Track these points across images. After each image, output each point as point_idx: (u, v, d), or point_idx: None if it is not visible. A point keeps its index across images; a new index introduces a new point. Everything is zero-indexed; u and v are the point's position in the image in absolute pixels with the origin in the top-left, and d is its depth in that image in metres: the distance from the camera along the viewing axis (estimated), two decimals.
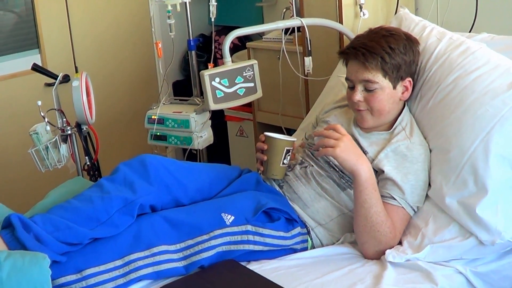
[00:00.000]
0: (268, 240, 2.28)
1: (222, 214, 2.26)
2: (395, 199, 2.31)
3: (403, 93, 2.45)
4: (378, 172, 2.37)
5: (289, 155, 2.47)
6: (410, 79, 2.45)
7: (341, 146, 2.23)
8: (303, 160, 2.55)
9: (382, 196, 2.32)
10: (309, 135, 2.71)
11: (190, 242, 2.19)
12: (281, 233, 2.31)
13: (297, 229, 2.38)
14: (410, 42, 2.45)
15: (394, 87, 2.41)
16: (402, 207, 2.31)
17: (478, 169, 2.19)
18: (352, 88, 2.44)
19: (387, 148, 2.38)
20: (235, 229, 2.25)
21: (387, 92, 2.40)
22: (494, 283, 2.21)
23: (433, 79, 2.46)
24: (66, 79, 3.28)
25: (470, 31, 3.11)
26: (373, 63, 2.36)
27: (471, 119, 2.26)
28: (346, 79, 2.47)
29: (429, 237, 2.25)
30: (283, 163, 2.46)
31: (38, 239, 2.04)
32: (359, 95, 2.41)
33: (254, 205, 2.34)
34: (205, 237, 2.20)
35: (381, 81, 2.38)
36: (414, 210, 2.34)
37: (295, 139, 2.49)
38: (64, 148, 2.98)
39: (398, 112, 2.48)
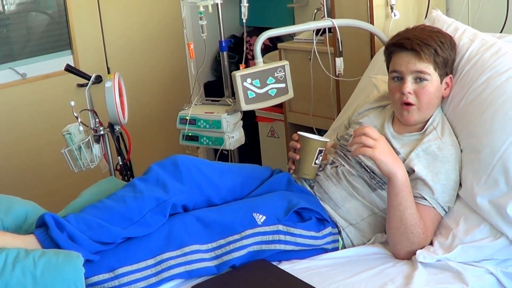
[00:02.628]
0: (299, 240, 2.29)
1: (254, 214, 2.27)
2: (425, 199, 2.31)
3: (445, 89, 2.47)
4: (409, 171, 2.37)
5: (321, 156, 2.48)
6: (451, 76, 2.48)
7: (379, 147, 2.23)
8: (334, 160, 2.56)
9: (416, 200, 2.33)
10: (340, 136, 2.71)
11: (221, 241, 2.21)
12: (312, 233, 2.33)
13: (328, 229, 2.39)
14: (452, 40, 2.49)
15: (441, 82, 2.43)
16: (433, 207, 2.31)
17: (509, 169, 2.19)
18: (399, 79, 2.44)
19: (418, 148, 2.38)
20: (267, 229, 2.26)
21: (435, 85, 2.41)
22: None
23: (465, 80, 2.46)
24: (99, 80, 3.31)
25: (501, 31, 3.10)
26: (427, 53, 2.37)
27: (502, 119, 2.26)
28: (394, 71, 2.45)
29: (460, 237, 2.25)
30: (315, 163, 2.47)
31: (71, 238, 2.06)
32: (409, 87, 2.40)
33: (286, 205, 2.35)
34: (236, 237, 2.21)
35: (432, 73, 2.39)
36: (445, 210, 2.33)
37: (328, 140, 2.50)
38: (96, 148, 3.00)
39: (435, 110, 2.48)
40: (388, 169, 2.24)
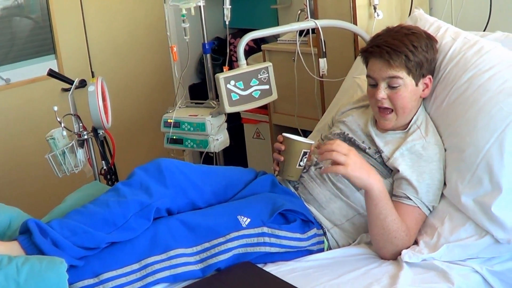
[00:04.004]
0: (284, 242, 2.29)
1: (238, 217, 2.27)
2: (410, 199, 2.31)
3: (423, 90, 2.47)
4: (393, 171, 2.38)
5: (305, 158, 2.47)
6: (430, 76, 2.47)
7: (351, 163, 2.19)
8: (318, 161, 2.56)
9: (397, 196, 2.34)
10: (325, 136, 2.72)
11: (206, 245, 2.20)
12: (297, 235, 2.32)
13: (313, 230, 2.38)
14: (430, 40, 2.48)
15: (416, 84, 2.43)
16: (418, 207, 2.32)
17: (493, 168, 2.20)
18: (374, 86, 2.45)
19: (403, 147, 2.39)
20: (251, 231, 2.26)
21: (410, 89, 2.41)
22: (510, 281, 2.21)
23: (448, 79, 2.47)
24: (83, 84, 3.30)
25: (484, 30, 3.12)
26: (398, 61, 2.37)
27: (485, 118, 2.27)
28: (368, 76, 2.47)
29: (445, 237, 2.25)
30: (299, 165, 2.46)
31: (55, 244, 2.05)
32: (382, 93, 2.42)
33: (270, 207, 2.35)
34: (221, 239, 2.21)
35: (405, 78, 2.39)
36: (429, 209, 2.34)
37: (313, 142, 2.49)
38: (80, 153, 2.99)
39: (416, 110, 2.49)
40: (363, 183, 2.23)
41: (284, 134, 2.49)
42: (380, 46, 2.42)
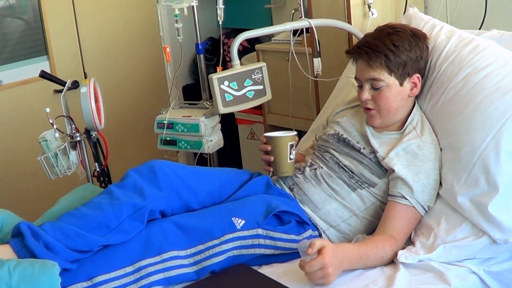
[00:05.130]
0: (279, 244, 2.28)
1: (233, 219, 2.27)
2: (406, 198, 2.31)
3: (411, 89, 2.46)
4: (389, 171, 2.37)
5: (294, 150, 2.50)
6: (418, 75, 2.46)
7: (329, 276, 2.05)
8: (313, 162, 2.56)
9: (392, 195, 2.34)
10: (319, 137, 2.72)
11: (200, 247, 2.20)
12: (292, 236, 2.31)
13: (309, 232, 2.38)
14: (416, 38, 2.46)
15: (401, 84, 2.42)
16: (413, 206, 2.32)
17: (490, 167, 2.20)
18: (361, 87, 2.46)
19: (398, 147, 2.39)
20: (246, 233, 2.25)
21: (393, 89, 2.41)
22: (508, 282, 2.21)
23: (443, 77, 2.47)
24: (76, 85, 3.29)
25: (480, 28, 3.11)
26: (377, 61, 2.38)
27: (481, 117, 2.26)
28: (355, 78, 2.50)
29: (441, 237, 2.25)
30: (290, 159, 2.49)
31: (47, 247, 2.05)
32: (366, 94, 2.43)
33: (265, 208, 2.34)
34: (215, 242, 2.20)
35: (387, 79, 2.39)
36: (425, 209, 2.34)
37: (296, 133, 2.52)
38: (73, 155, 2.98)
39: (408, 110, 2.49)
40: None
41: (266, 134, 2.53)
42: (360, 47, 2.44)
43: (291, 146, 2.47)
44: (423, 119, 2.48)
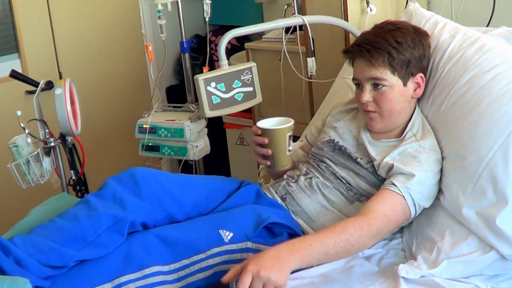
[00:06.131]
0: None
1: (220, 231, 2.26)
2: (395, 185, 2.29)
3: (415, 90, 2.46)
4: (385, 174, 2.38)
5: (291, 140, 2.45)
6: (421, 74, 2.47)
7: (274, 279, 1.97)
8: (308, 171, 2.56)
9: (384, 185, 2.33)
10: (313, 141, 2.72)
11: (185, 262, 2.19)
12: None
13: None
14: (418, 35, 2.47)
15: (405, 84, 2.42)
16: (402, 195, 2.28)
17: (498, 177, 2.19)
18: (359, 87, 2.46)
19: (394, 152, 2.39)
20: (234, 246, 2.24)
21: (397, 90, 2.41)
22: None
23: (447, 80, 2.47)
24: (49, 86, 3.30)
25: (487, 25, 3.11)
26: (380, 59, 2.38)
27: (488, 123, 2.26)
28: (353, 79, 2.49)
29: (445, 252, 2.24)
30: (289, 150, 2.45)
31: (18, 263, 2.02)
32: (367, 95, 2.42)
33: (255, 220, 2.34)
34: (201, 256, 2.19)
35: (390, 78, 2.39)
36: (415, 206, 2.31)
37: (292, 121, 2.47)
38: (47, 161, 2.98)
39: (410, 113, 2.49)
40: (283, 271, 2.04)
41: (260, 125, 2.47)
42: (360, 44, 2.44)
43: (290, 137, 2.43)
44: (425, 124, 2.48)
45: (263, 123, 2.47)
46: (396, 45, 2.39)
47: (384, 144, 2.47)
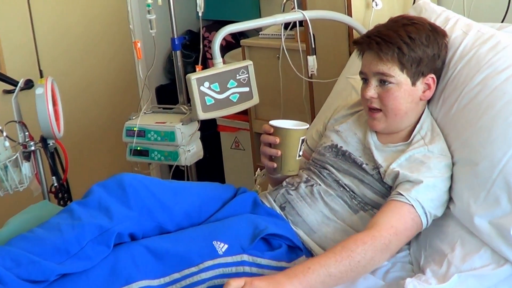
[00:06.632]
0: (267, 272, 2.26)
1: (214, 242, 2.25)
2: (402, 195, 2.28)
3: (424, 92, 2.46)
4: (391, 182, 2.38)
5: (303, 145, 2.44)
6: (433, 75, 2.46)
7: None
8: (309, 178, 2.56)
9: (390, 198, 2.32)
10: (314, 146, 2.72)
11: (176, 276, 2.18)
12: (283, 264, 2.30)
13: (302, 258, 2.37)
14: (435, 33, 2.46)
15: (414, 84, 2.42)
16: (411, 204, 2.27)
17: None
18: (365, 82, 2.46)
19: (401, 157, 2.38)
20: (229, 259, 2.24)
21: (404, 88, 2.41)
22: None
23: (458, 80, 2.46)
24: (29, 85, 3.29)
25: (502, 21, 3.12)
26: (389, 54, 2.37)
27: (502, 126, 2.26)
28: (360, 73, 2.49)
29: (456, 265, 2.23)
30: (299, 156, 2.44)
31: None
32: (372, 91, 2.42)
33: (251, 230, 2.33)
34: (194, 269, 2.19)
35: (398, 76, 2.39)
36: (426, 215, 2.29)
37: (307, 125, 2.47)
38: (26, 167, 2.97)
39: (417, 116, 2.49)
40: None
41: (273, 123, 2.45)
42: (370, 36, 2.44)
43: (303, 141, 2.42)
44: (434, 127, 2.48)
45: (277, 123, 2.44)
46: (408, 41, 2.38)
47: (391, 149, 2.46)
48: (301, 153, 2.44)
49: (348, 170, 2.50)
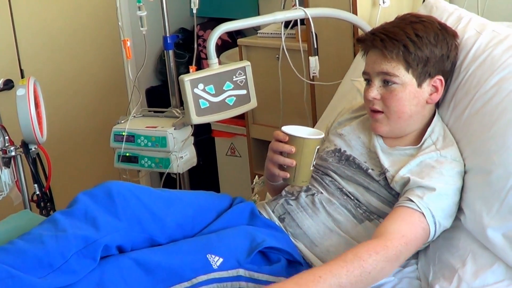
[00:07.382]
0: None
1: (208, 256, 2.25)
2: (412, 201, 2.27)
3: (431, 94, 2.46)
4: (399, 188, 2.38)
5: (318, 155, 2.43)
6: (441, 77, 2.46)
7: None
8: (310, 187, 2.56)
9: (399, 204, 2.32)
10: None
11: None
12: (282, 279, 2.28)
13: None
14: (444, 33, 2.47)
15: (419, 85, 2.43)
16: (421, 212, 2.26)
17: None
18: (369, 82, 2.48)
19: (411, 163, 2.38)
20: (224, 274, 2.24)
21: (409, 90, 2.41)
22: None
23: (471, 83, 2.47)
24: (9, 85, 3.29)
25: None
26: (394, 52, 2.38)
27: None
28: (363, 73, 2.50)
29: (467, 281, 2.23)
30: (313, 166, 2.43)
31: None
32: (374, 92, 2.43)
33: (248, 243, 2.33)
34: (186, 284, 2.19)
35: (403, 75, 2.40)
36: (435, 224, 2.29)
37: (323, 134, 2.44)
38: (6, 174, 2.97)
39: (424, 120, 2.50)
40: None
41: (287, 130, 2.42)
42: (375, 33, 2.45)
43: (317, 150, 2.41)
44: (446, 133, 2.48)
45: (291, 130, 2.42)
46: (415, 39, 2.39)
47: (399, 152, 2.47)
48: (315, 163, 2.43)
49: (353, 177, 2.51)
